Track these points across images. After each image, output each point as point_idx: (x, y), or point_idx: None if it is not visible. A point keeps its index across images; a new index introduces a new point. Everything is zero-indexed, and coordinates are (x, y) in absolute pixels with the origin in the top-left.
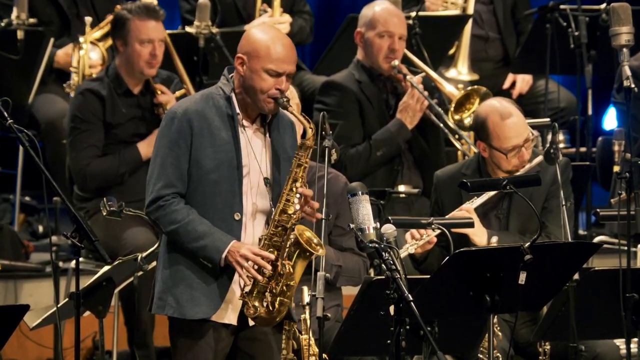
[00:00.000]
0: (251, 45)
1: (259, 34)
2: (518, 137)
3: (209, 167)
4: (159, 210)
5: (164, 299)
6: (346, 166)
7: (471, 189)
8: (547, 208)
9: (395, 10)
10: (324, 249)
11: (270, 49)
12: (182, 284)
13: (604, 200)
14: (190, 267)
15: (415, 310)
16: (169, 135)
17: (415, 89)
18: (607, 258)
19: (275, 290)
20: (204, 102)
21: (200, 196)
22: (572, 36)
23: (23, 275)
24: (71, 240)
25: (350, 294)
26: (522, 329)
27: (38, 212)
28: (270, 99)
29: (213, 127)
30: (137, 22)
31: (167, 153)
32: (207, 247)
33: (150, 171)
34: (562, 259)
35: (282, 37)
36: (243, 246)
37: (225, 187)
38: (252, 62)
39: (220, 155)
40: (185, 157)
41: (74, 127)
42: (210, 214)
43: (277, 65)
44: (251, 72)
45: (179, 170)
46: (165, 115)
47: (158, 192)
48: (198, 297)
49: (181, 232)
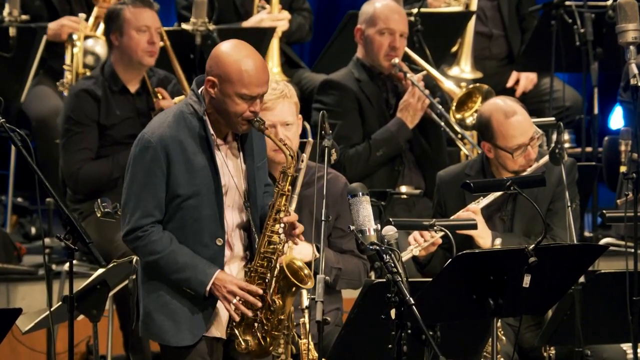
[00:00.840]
0: (222, 68)
1: (230, 56)
2: (523, 136)
3: (187, 194)
4: (138, 240)
5: (147, 323)
6: (345, 166)
7: (474, 190)
8: (552, 210)
9: (397, 6)
10: (313, 280)
11: (242, 73)
12: (164, 311)
13: (611, 202)
14: (171, 293)
15: (417, 314)
16: (144, 165)
17: (416, 87)
18: (614, 260)
19: (267, 327)
20: (177, 125)
21: (179, 223)
22: (577, 33)
23: (15, 278)
24: (65, 243)
25: (350, 297)
26: (526, 333)
27: (31, 214)
28: (245, 121)
29: (189, 152)
30: (132, 10)
31: (143, 182)
32: (190, 279)
33: (126, 198)
34: (568, 262)
35: (254, 58)
36: (229, 280)
37: (205, 212)
38: (224, 86)
39: (198, 180)
40: (161, 186)
41: (67, 128)
42: (190, 241)
43: (251, 89)
44: (223, 95)
45: (156, 199)
46: (138, 141)
47: (136, 222)
48: (181, 323)
49: (162, 263)
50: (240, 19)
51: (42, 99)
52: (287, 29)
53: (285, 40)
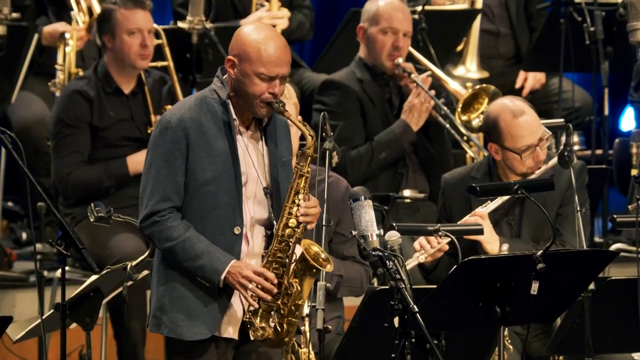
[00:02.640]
0: (241, 47)
1: (250, 35)
2: (532, 136)
3: (206, 179)
4: (154, 225)
5: (159, 317)
6: (347, 169)
7: (480, 193)
8: (561, 214)
9: (400, 4)
10: (332, 264)
11: (261, 52)
12: (179, 303)
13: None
14: (187, 284)
15: (421, 321)
16: (164, 146)
17: (420, 88)
18: (625, 267)
19: (284, 311)
20: (199, 109)
21: (197, 209)
22: (587, 32)
23: (6, 285)
24: (57, 248)
25: (352, 305)
26: (534, 342)
27: (21, 218)
28: (264, 104)
29: (209, 136)
30: (123, 12)
31: (161, 165)
32: (205, 267)
33: (144, 183)
34: (577, 268)
35: (275, 38)
36: (244, 267)
37: (224, 200)
38: (243, 65)
39: (218, 165)
40: (181, 169)
41: (58, 131)
42: (208, 228)
43: (269, 69)
44: (242, 75)
45: (174, 183)
46: (158, 123)
47: (153, 206)
48: (195, 316)
49: (177, 250)
50: (238, 17)
51: (29, 105)
52: (287, 27)
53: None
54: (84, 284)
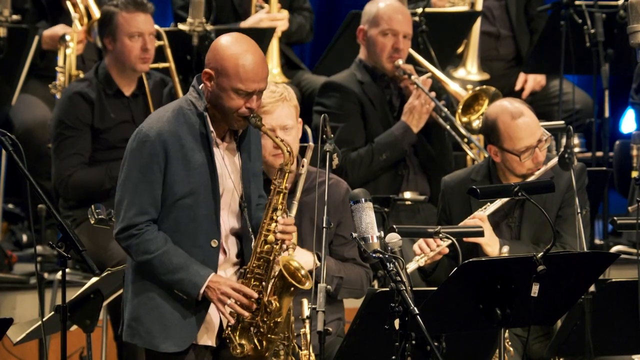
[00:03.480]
0: (219, 61)
1: (227, 49)
2: (531, 137)
3: (183, 192)
4: (132, 238)
5: (134, 327)
6: (347, 170)
7: (480, 195)
8: (561, 216)
9: (400, 6)
10: (312, 281)
11: (239, 68)
12: (155, 314)
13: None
14: (163, 295)
15: (422, 324)
16: (141, 160)
17: (420, 89)
18: (625, 269)
19: (263, 329)
20: (176, 121)
21: (174, 222)
22: (587, 34)
23: (6, 287)
24: (57, 250)
25: (352, 307)
26: (535, 344)
27: (22, 221)
28: (240, 117)
29: (187, 149)
30: (124, 15)
31: (139, 178)
32: (184, 281)
33: (120, 194)
34: (578, 270)
35: (253, 52)
36: (223, 282)
37: (201, 212)
38: (220, 79)
39: (196, 178)
40: (158, 183)
41: (59, 132)
42: (184, 241)
43: (247, 85)
44: (219, 89)
45: (152, 197)
46: (136, 136)
47: (130, 219)
48: (171, 327)
49: (155, 263)
50: (238, 19)
51: (31, 107)
52: (287, 29)
53: (285, 41)
54: (85, 286)
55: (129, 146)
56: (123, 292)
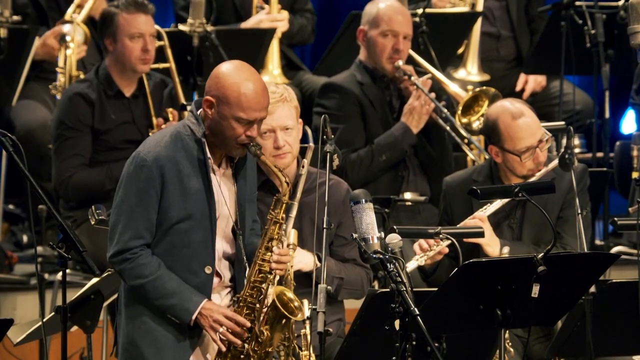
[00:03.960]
0: (220, 89)
1: (229, 78)
2: (531, 137)
3: (179, 217)
4: (125, 262)
5: (129, 350)
6: (347, 171)
7: (481, 196)
8: (562, 217)
9: (401, 7)
10: (304, 312)
11: (241, 97)
12: (148, 337)
13: (623, 209)
14: (155, 319)
15: (422, 324)
16: (138, 184)
17: (420, 90)
18: (626, 270)
19: (253, 359)
20: (174, 146)
21: (168, 246)
22: (588, 34)
23: (6, 287)
24: (57, 251)
25: (353, 307)
26: (535, 345)
27: (22, 221)
28: (239, 145)
29: (183, 174)
30: (125, 16)
31: (135, 202)
32: (176, 306)
33: (115, 218)
34: (578, 271)
35: (255, 81)
36: (216, 310)
37: (196, 238)
38: (222, 107)
39: (192, 204)
40: (154, 207)
41: (60, 133)
42: (178, 266)
43: (249, 114)
44: (220, 117)
45: (147, 221)
46: (133, 159)
47: (125, 243)
48: (165, 350)
49: (148, 288)
50: (239, 20)
51: (32, 110)
52: (288, 31)
53: (286, 42)
54: (85, 286)
55: (125, 169)
56: (117, 315)
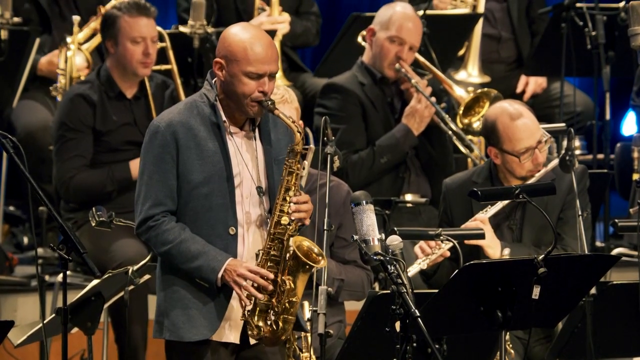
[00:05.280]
0: (228, 48)
1: (235, 35)
2: (530, 138)
3: (198, 181)
4: (150, 230)
5: (160, 322)
6: (348, 173)
7: (482, 198)
8: (562, 219)
9: (415, 18)
10: (326, 259)
11: (248, 51)
12: (179, 306)
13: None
14: (186, 287)
15: (423, 326)
16: (153, 151)
17: (421, 93)
18: (626, 271)
19: (278, 309)
20: (188, 112)
21: (192, 212)
22: (589, 36)
23: (7, 289)
24: (58, 253)
25: (353, 309)
26: (536, 347)
27: (23, 223)
28: (254, 103)
29: (199, 138)
30: (127, 19)
31: (153, 170)
32: (202, 267)
33: (138, 190)
34: (579, 273)
35: (261, 36)
36: (240, 264)
37: (217, 201)
38: (231, 66)
39: (209, 167)
40: (172, 173)
41: (61, 134)
42: (203, 230)
43: (257, 67)
44: (231, 76)
45: (167, 187)
46: (148, 129)
47: (147, 212)
48: (195, 318)
49: (174, 252)
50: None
51: (32, 111)
52: (292, 33)
53: (290, 44)
54: (86, 288)
55: (143, 142)
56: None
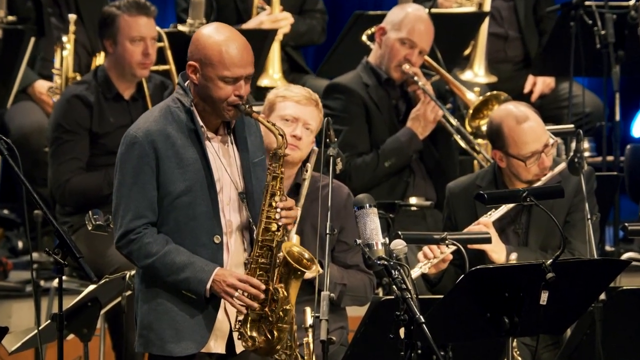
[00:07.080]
0: (202, 51)
1: (209, 38)
2: (536, 142)
3: (180, 190)
4: (131, 244)
5: (145, 335)
6: (352, 176)
7: (488, 201)
8: (570, 222)
9: (427, 21)
10: (317, 264)
11: (223, 54)
12: (165, 319)
13: (633, 214)
14: (172, 299)
15: (428, 333)
16: (132, 162)
17: (429, 97)
18: (636, 276)
19: (272, 318)
20: (164, 119)
21: (174, 222)
22: (598, 35)
23: (1, 295)
24: (54, 257)
25: (356, 315)
26: (544, 354)
27: (17, 227)
28: (231, 107)
29: (178, 146)
30: (126, 18)
31: (131, 182)
32: (189, 279)
33: (116, 202)
34: (587, 278)
35: (236, 38)
36: (229, 274)
37: (200, 210)
38: (206, 70)
39: (190, 175)
40: (152, 184)
41: (57, 136)
42: (187, 241)
43: (234, 71)
44: (206, 80)
45: (147, 199)
46: (124, 139)
47: (127, 225)
48: (183, 331)
49: (158, 265)
50: (240, 20)
51: (27, 113)
52: (296, 31)
53: (293, 43)
54: (82, 293)
55: (119, 152)
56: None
